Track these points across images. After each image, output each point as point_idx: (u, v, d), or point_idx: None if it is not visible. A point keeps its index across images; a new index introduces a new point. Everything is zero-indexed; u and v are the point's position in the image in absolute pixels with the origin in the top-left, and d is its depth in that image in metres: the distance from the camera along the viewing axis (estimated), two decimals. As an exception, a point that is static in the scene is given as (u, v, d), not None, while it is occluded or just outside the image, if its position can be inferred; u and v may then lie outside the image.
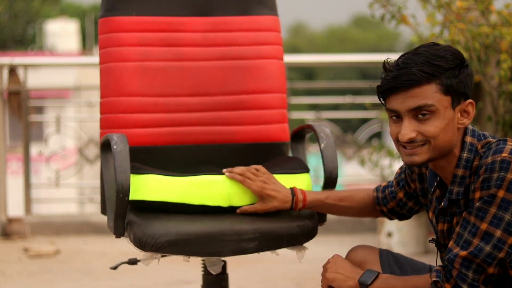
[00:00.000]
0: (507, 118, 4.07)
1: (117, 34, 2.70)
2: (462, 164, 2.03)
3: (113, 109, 2.66)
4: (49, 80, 14.89)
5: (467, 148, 2.04)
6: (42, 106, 9.81)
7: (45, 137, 6.28)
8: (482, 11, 4.03)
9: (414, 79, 1.98)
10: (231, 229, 2.40)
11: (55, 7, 31.99)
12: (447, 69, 1.99)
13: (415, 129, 2.01)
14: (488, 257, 1.93)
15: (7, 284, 4.24)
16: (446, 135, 2.01)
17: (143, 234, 2.35)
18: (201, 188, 2.42)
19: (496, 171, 1.94)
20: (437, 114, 2.00)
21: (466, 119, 2.04)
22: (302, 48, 36.85)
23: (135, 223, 2.39)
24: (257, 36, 2.82)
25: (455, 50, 2.02)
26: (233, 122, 2.75)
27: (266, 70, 2.80)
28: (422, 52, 2.00)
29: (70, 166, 6.31)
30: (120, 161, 2.34)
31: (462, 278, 1.95)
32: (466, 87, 2.02)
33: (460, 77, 2.01)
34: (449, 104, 2.00)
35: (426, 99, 1.98)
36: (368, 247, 2.30)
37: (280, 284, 4.20)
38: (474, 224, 1.96)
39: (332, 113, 6.63)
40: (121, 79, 2.67)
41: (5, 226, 5.48)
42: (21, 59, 6.22)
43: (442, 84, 1.99)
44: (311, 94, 14.82)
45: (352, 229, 5.56)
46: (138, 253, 2.43)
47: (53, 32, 24.91)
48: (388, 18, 4.31)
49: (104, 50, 2.70)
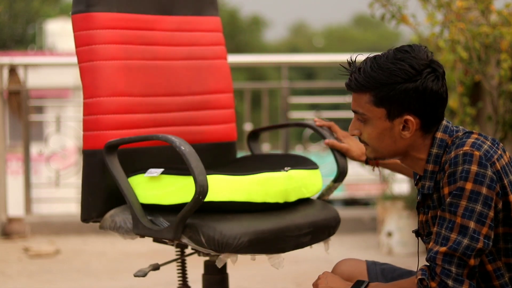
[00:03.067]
0: (507, 118, 4.07)
1: (101, 31, 2.56)
2: (431, 160, 2.08)
3: (104, 110, 2.53)
4: (49, 80, 14.88)
5: (437, 144, 2.08)
6: (42, 106, 9.82)
7: (45, 137, 6.28)
8: (482, 10, 4.03)
9: (351, 86, 2.09)
10: (293, 224, 2.46)
11: (55, 7, 31.98)
12: (382, 83, 2.03)
13: (358, 128, 2.12)
14: (467, 250, 1.96)
15: (7, 284, 4.24)
16: (381, 142, 2.09)
17: (222, 235, 2.33)
18: (263, 185, 2.44)
19: (460, 164, 1.98)
20: (370, 122, 2.09)
21: (407, 132, 2.07)
22: (302, 48, 36.86)
23: (203, 225, 2.35)
24: (212, 36, 2.84)
25: (409, 65, 2.03)
26: (201, 121, 2.76)
27: (221, 70, 2.85)
28: (379, 58, 2.06)
29: (70, 166, 6.30)
30: (196, 162, 2.30)
31: (446, 274, 1.97)
32: (405, 102, 2.04)
33: (398, 92, 2.03)
34: (383, 116, 2.06)
35: (359, 107, 2.09)
36: (354, 260, 2.34)
37: (280, 284, 4.20)
38: (449, 220, 1.99)
39: (332, 113, 6.63)
40: (110, 78, 2.55)
41: (5, 226, 5.48)
42: (21, 59, 6.21)
43: (376, 96, 2.05)
44: (311, 94, 14.83)
45: (352, 229, 5.55)
46: (140, 253, 2.43)
47: (53, 32, 24.90)
48: (388, 17, 4.30)
49: (86, 48, 2.54)
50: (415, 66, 2.03)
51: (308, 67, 28.99)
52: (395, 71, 2.03)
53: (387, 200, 5.00)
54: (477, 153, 1.99)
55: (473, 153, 1.99)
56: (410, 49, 2.05)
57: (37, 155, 6.65)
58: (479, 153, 1.99)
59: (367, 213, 5.72)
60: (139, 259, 4.71)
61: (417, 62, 2.03)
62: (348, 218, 5.60)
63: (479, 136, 2.05)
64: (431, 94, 2.04)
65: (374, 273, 2.29)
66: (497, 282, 2.05)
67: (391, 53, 2.06)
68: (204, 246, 2.35)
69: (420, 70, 2.03)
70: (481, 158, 1.98)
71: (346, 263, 2.33)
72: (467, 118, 4.21)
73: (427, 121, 2.06)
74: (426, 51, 2.06)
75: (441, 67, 2.07)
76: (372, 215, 5.57)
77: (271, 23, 56.03)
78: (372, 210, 5.91)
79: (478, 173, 1.97)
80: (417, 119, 2.05)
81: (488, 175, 1.97)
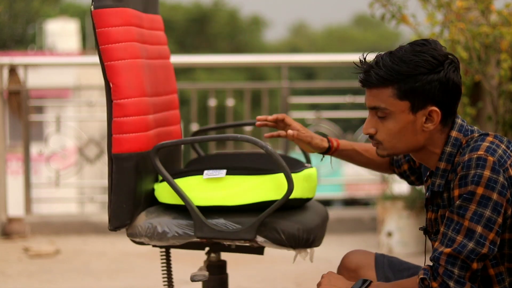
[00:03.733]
0: (507, 118, 4.07)
1: (127, 27, 2.45)
2: (445, 158, 2.08)
3: (137, 111, 2.44)
4: (49, 80, 14.89)
5: (451, 143, 2.08)
6: (42, 106, 9.82)
7: (45, 137, 6.28)
8: (482, 10, 4.03)
9: (370, 82, 2.06)
10: (327, 218, 2.61)
11: (55, 7, 31.98)
12: (407, 75, 2.03)
13: (374, 126, 2.09)
14: (471, 253, 1.96)
15: (7, 284, 4.24)
16: (401, 137, 2.07)
17: (300, 231, 2.39)
18: (308, 182, 2.49)
19: (473, 168, 1.98)
20: (392, 117, 2.06)
21: (430, 124, 2.07)
22: (302, 48, 36.85)
23: (279, 222, 2.39)
24: (163, 35, 2.81)
25: (431, 56, 2.04)
26: (170, 122, 2.74)
27: (172, 69, 2.83)
28: (396, 52, 2.06)
29: (70, 166, 6.30)
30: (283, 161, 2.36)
31: (448, 275, 1.97)
32: (430, 93, 2.04)
33: (423, 83, 2.03)
34: (407, 109, 2.05)
35: (379, 102, 2.06)
36: (363, 251, 2.34)
37: (280, 284, 4.20)
38: (457, 222, 1.99)
39: (332, 113, 6.62)
40: (140, 78, 2.46)
41: (5, 226, 5.48)
42: (21, 58, 6.20)
43: (399, 89, 2.04)
44: (311, 94, 14.83)
45: (352, 229, 5.55)
46: (140, 253, 2.42)
47: (53, 32, 24.92)
48: (388, 17, 4.30)
49: (117, 45, 2.42)
50: (437, 57, 2.03)
51: (308, 67, 29.00)
52: (420, 62, 2.02)
53: (387, 200, 5.00)
54: (491, 159, 1.98)
55: (487, 158, 1.98)
56: (427, 42, 2.07)
57: (37, 155, 6.64)
58: (493, 158, 1.98)
59: (367, 213, 5.72)
60: (139, 259, 4.71)
61: (438, 53, 2.04)
62: (348, 218, 5.60)
63: (494, 139, 2.04)
64: (453, 85, 2.05)
65: (381, 265, 2.30)
66: (498, 287, 2.05)
67: (408, 47, 2.06)
68: (284, 243, 2.39)
69: (442, 61, 2.04)
70: (495, 164, 1.98)
71: (354, 254, 2.34)
72: (467, 118, 4.21)
73: (446, 113, 2.07)
74: (440, 44, 2.08)
75: (457, 59, 2.08)
76: (372, 215, 5.57)
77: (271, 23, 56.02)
78: (372, 210, 5.91)
79: (490, 179, 1.97)
80: (440, 110, 2.05)
81: (500, 181, 1.97)
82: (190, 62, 6.91)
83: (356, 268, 2.29)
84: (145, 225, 2.47)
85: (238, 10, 41.26)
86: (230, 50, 33.49)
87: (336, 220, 5.43)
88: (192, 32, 35.90)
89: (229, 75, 29.24)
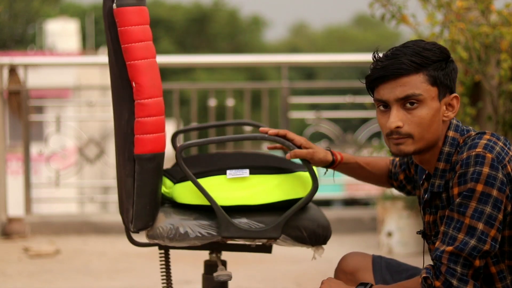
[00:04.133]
0: (507, 118, 4.07)
1: (146, 26, 2.41)
2: (443, 158, 2.08)
3: (161, 111, 2.41)
4: (49, 80, 14.90)
5: (449, 142, 2.08)
6: (42, 106, 9.82)
7: (45, 137, 6.28)
8: (482, 10, 4.03)
9: (403, 68, 2.03)
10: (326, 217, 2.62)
11: (55, 7, 31.97)
12: (434, 61, 2.04)
13: (402, 119, 2.05)
14: (473, 251, 1.96)
15: (7, 284, 4.24)
16: (431, 125, 2.05)
17: (320, 228, 2.46)
18: (306, 182, 2.49)
19: (472, 166, 1.98)
20: (424, 104, 2.04)
21: (451, 112, 2.08)
22: (302, 48, 36.85)
23: (300, 219, 2.45)
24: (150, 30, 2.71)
25: (440, 46, 2.08)
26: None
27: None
28: (410, 45, 2.06)
29: (70, 166, 6.30)
30: None
31: (451, 273, 1.97)
32: (451, 80, 2.07)
33: (446, 70, 2.05)
34: (436, 95, 2.05)
35: (413, 89, 2.03)
36: (360, 254, 2.34)
37: (280, 284, 4.20)
38: (458, 220, 1.99)
39: (332, 113, 6.62)
40: (159, 77, 2.43)
41: (5, 226, 5.48)
42: (21, 58, 6.20)
43: (430, 75, 2.04)
44: (311, 94, 14.83)
45: (352, 229, 5.55)
46: (140, 253, 2.42)
47: (53, 32, 24.93)
48: (388, 17, 4.30)
49: (141, 44, 2.37)
50: (444, 49, 2.08)
51: (308, 67, 28.99)
52: (441, 48, 2.06)
53: (387, 200, 5.00)
54: (489, 156, 1.99)
55: (486, 155, 1.99)
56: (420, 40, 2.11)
57: (37, 155, 6.64)
58: (491, 155, 1.99)
59: (367, 213, 5.72)
60: (139, 259, 4.71)
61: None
62: (348, 218, 5.60)
63: (491, 137, 2.05)
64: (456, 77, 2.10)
65: (379, 267, 2.30)
66: (500, 285, 2.05)
67: (413, 42, 2.07)
68: (306, 241, 2.44)
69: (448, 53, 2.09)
70: (493, 161, 1.98)
71: (351, 256, 2.34)
72: (467, 118, 4.21)
73: None
74: None
75: None
76: (372, 215, 5.57)
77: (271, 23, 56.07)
78: (372, 210, 5.91)
79: (489, 175, 1.97)
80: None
81: (499, 178, 1.98)
82: (190, 62, 6.90)
83: (353, 270, 2.28)
84: (167, 226, 2.45)
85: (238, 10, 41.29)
86: (230, 50, 33.51)
87: (336, 220, 5.43)
88: (192, 32, 35.91)
89: (229, 75, 29.26)
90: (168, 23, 35.66)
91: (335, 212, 5.85)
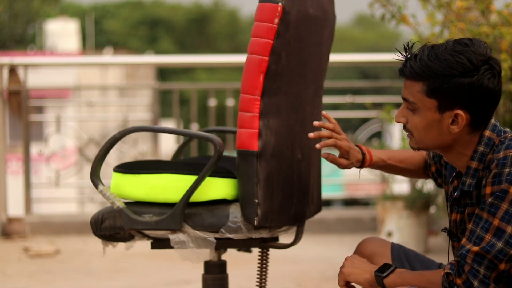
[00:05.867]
0: (507, 118, 4.07)
1: None
2: (477, 157, 2.05)
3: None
4: (49, 80, 14.90)
5: (484, 142, 2.04)
6: (42, 106, 9.82)
7: (45, 137, 6.28)
8: (482, 10, 4.03)
9: (405, 73, 2.04)
10: None
11: (55, 7, 31.99)
12: (437, 74, 1.99)
13: (405, 116, 2.07)
14: (499, 253, 1.94)
15: (7, 284, 4.24)
16: (427, 134, 2.05)
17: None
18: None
19: (508, 166, 1.95)
20: (418, 112, 2.04)
21: (456, 126, 2.03)
22: (302, 48, 36.74)
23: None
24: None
25: (467, 59, 1.98)
26: None
27: None
28: (437, 48, 2.02)
29: (70, 166, 6.30)
30: None
31: (474, 274, 1.95)
32: (458, 96, 2.00)
33: (453, 85, 1.99)
34: (434, 107, 2.02)
35: (410, 95, 2.04)
36: (379, 239, 2.32)
37: (280, 284, 4.20)
38: (486, 220, 1.96)
39: (332, 113, 6.61)
40: None
41: (5, 226, 5.48)
42: (21, 58, 6.22)
43: (429, 86, 2.01)
44: (311, 94, 14.76)
45: (352, 229, 5.55)
46: (140, 253, 2.43)
47: (53, 32, 24.92)
48: (388, 17, 4.30)
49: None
50: (473, 61, 1.98)
51: (308, 67, 28.89)
52: (453, 63, 1.98)
53: (387, 200, 5.00)
54: None
55: None
56: (470, 42, 2.01)
57: (37, 155, 6.64)
58: None
59: (367, 213, 5.72)
60: (139, 259, 4.71)
61: (475, 57, 1.99)
62: (348, 218, 5.60)
63: None
64: (486, 92, 1.99)
65: (398, 254, 2.27)
66: None
67: (450, 44, 2.01)
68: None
69: (478, 66, 1.99)
70: None
71: (370, 241, 2.32)
72: (467, 118, 4.21)
73: (477, 118, 2.02)
74: (486, 47, 2.02)
75: (499, 65, 2.02)
76: (372, 215, 5.57)
77: (271, 23, 55.86)
78: (372, 210, 5.91)
79: None
80: (467, 115, 2.01)
81: None
82: (190, 62, 6.91)
83: (370, 254, 2.26)
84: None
85: (238, 10, 41.28)
86: (230, 50, 33.48)
87: (336, 220, 5.43)
88: (192, 32, 35.90)
89: (229, 75, 29.23)
90: (168, 23, 35.67)
91: (335, 212, 5.85)
